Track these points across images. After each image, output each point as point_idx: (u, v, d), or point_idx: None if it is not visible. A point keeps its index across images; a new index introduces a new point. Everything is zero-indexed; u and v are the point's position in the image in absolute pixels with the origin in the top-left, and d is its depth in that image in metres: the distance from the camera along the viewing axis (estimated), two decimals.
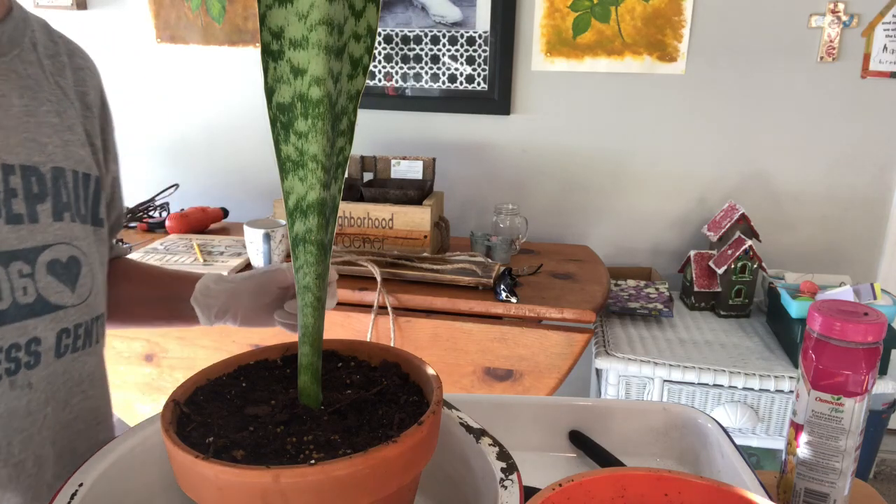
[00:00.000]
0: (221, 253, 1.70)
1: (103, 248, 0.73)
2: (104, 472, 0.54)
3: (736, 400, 1.48)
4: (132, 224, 1.96)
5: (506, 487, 0.52)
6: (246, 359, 0.58)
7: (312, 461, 0.43)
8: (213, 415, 0.50)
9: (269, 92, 0.45)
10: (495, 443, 0.57)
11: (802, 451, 0.62)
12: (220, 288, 0.80)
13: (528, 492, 0.54)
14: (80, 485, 0.52)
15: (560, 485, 0.52)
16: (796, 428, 0.62)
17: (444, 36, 1.89)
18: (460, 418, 0.61)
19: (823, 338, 0.59)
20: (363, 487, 0.43)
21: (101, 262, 0.73)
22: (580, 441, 0.74)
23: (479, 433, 0.59)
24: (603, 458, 0.71)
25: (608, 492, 0.54)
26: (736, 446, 0.67)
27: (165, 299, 0.83)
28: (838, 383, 0.59)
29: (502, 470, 0.54)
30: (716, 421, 0.71)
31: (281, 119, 0.46)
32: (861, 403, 0.58)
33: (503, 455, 0.56)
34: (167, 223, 1.87)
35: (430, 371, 0.54)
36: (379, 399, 0.53)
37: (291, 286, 0.79)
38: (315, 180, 0.47)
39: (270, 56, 0.45)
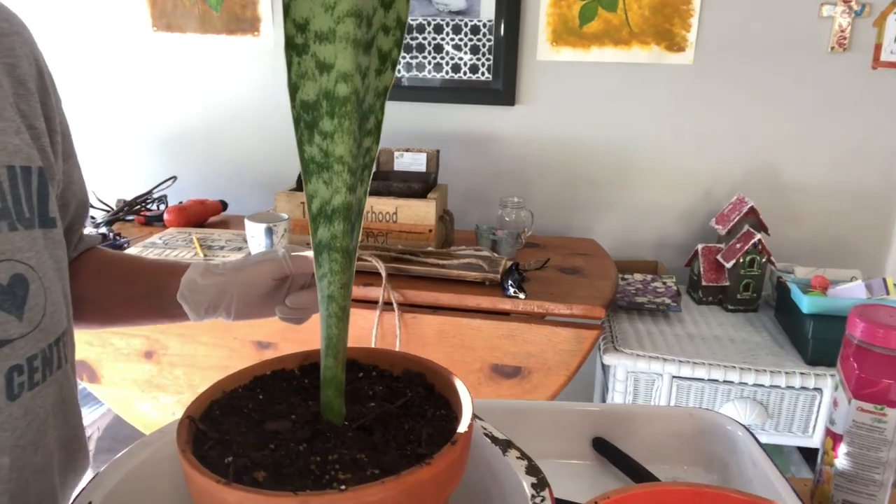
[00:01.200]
0: (222, 247, 1.66)
1: (58, 250, 0.62)
2: (114, 488, 0.52)
3: (745, 396, 1.46)
4: (129, 217, 1.92)
5: None
6: (262, 369, 0.55)
7: (342, 486, 0.40)
8: (231, 431, 0.47)
9: (293, 89, 0.42)
10: (523, 456, 0.55)
11: (841, 461, 0.59)
12: (208, 282, 0.71)
13: None
14: (90, 503, 0.50)
15: (597, 502, 0.50)
16: (834, 438, 0.60)
17: (447, 25, 1.85)
18: (484, 428, 0.58)
19: (865, 345, 0.57)
20: None
21: (58, 268, 0.62)
22: (604, 448, 0.72)
23: (506, 445, 0.56)
24: (628, 466, 0.69)
25: None
26: (767, 453, 0.65)
27: (149, 296, 0.74)
28: (881, 392, 0.56)
29: (533, 486, 0.51)
30: (745, 427, 0.68)
31: (305, 118, 0.43)
32: None
33: (533, 469, 0.53)
34: (165, 216, 1.84)
35: (458, 382, 0.52)
36: (404, 412, 0.50)
37: (288, 277, 0.73)
38: (341, 183, 0.44)
39: (294, 50, 0.42)
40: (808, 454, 1.74)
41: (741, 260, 1.64)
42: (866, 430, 0.57)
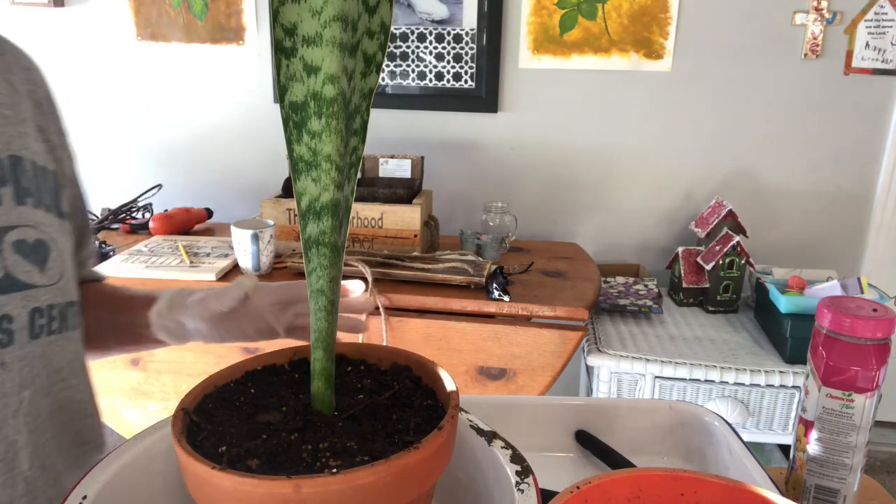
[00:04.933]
0: (208, 254, 1.67)
1: (70, 240, 0.73)
2: (108, 483, 0.53)
3: (727, 395, 1.49)
4: (114, 226, 1.92)
5: (522, 491, 0.51)
6: (253, 364, 0.56)
7: (334, 470, 0.41)
8: (224, 423, 0.48)
9: (282, 90, 0.44)
10: (508, 445, 0.56)
11: (813, 447, 0.62)
12: (174, 313, 0.76)
13: (543, 495, 0.53)
14: (84, 497, 0.51)
15: (578, 487, 0.51)
16: (806, 425, 0.62)
17: (430, 33, 1.87)
18: (470, 420, 0.60)
19: (833, 334, 0.60)
20: (386, 495, 0.42)
21: (71, 253, 0.72)
22: (587, 441, 0.74)
23: (491, 436, 0.58)
24: (610, 457, 0.71)
25: (625, 492, 0.53)
26: (744, 443, 0.67)
27: (133, 325, 0.78)
28: (849, 379, 0.59)
29: (517, 473, 0.53)
30: (723, 418, 0.71)
31: (293, 118, 0.45)
32: (871, 399, 0.59)
33: (517, 458, 0.55)
34: (151, 224, 1.84)
35: (443, 373, 0.54)
36: (392, 403, 0.52)
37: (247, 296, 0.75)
38: (329, 181, 0.45)
39: (283, 53, 0.44)
40: (789, 451, 1.78)
41: (720, 262, 1.67)
42: (835, 416, 0.60)
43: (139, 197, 1.96)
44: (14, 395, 0.62)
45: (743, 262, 1.68)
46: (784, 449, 1.79)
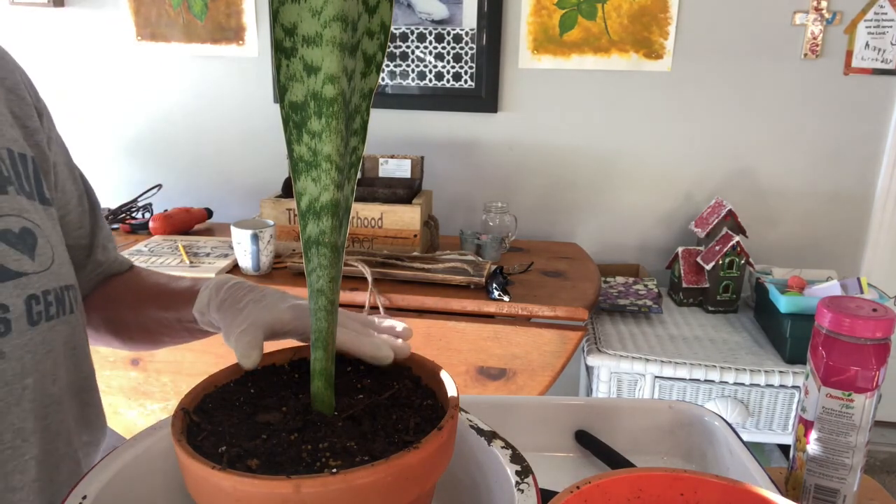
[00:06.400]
0: (208, 254, 1.67)
1: (57, 226, 0.72)
2: (108, 483, 0.53)
3: (726, 395, 1.49)
4: (114, 226, 1.92)
5: (522, 491, 0.51)
6: None
7: (333, 470, 0.41)
8: (224, 423, 0.48)
9: (282, 90, 0.44)
10: (508, 445, 0.56)
11: (812, 447, 0.62)
12: (216, 314, 0.71)
13: (543, 495, 0.53)
14: (84, 497, 0.51)
15: (578, 487, 0.51)
16: (806, 424, 0.62)
17: (430, 33, 1.87)
18: (470, 420, 0.60)
19: (833, 334, 0.60)
20: (385, 495, 0.42)
21: (60, 239, 0.71)
22: (587, 441, 0.74)
23: (491, 435, 0.58)
24: (611, 457, 0.71)
25: (624, 492, 0.53)
26: (744, 443, 0.67)
27: (179, 320, 0.76)
28: (848, 379, 0.59)
29: (517, 473, 0.53)
30: (723, 418, 0.71)
31: (294, 118, 0.45)
32: (871, 399, 0.59)
33: (517, 458, 0.55)
34: (150, 224, 1.84)
35: (444, 373, 0.54)
36: (393, 403, 0.52)
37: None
38: (329, 181, 0.45)
39: (283, 53, 0.44)
40: (789, 451, 1.78)
41: (720, 262, 1.67)
42: (835, 416, 0.60)
43: (139, 197, 1.97)
44: (17, 383, 0.62)
45: (743, 262, 1.68)
46: (784, 449, 1.79)
